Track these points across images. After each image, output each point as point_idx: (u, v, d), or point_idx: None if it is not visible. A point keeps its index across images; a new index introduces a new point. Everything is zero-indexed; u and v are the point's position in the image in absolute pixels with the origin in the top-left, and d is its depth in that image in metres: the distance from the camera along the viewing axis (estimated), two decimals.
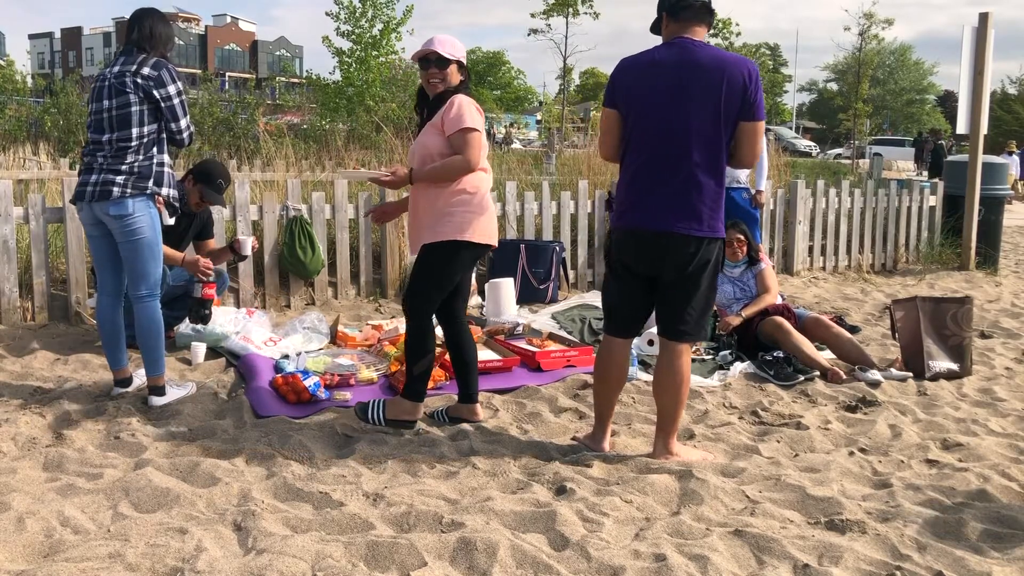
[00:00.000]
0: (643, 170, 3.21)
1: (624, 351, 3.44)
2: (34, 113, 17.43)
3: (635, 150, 3.23)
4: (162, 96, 3.76)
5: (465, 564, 2.48)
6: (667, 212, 3.17)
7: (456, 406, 3.82)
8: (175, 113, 3.81)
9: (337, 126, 18.57)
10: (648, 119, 3.17)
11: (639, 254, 3.26)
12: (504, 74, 62.00)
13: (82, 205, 3.81)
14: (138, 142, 3.74)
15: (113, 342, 3.96)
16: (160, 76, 3.75)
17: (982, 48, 8.49)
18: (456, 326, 3.71)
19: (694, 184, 3.15)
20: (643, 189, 3.21)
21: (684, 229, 3.16)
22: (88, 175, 3.77)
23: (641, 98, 3.18)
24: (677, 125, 3.13)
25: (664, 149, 3.16)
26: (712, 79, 3.09)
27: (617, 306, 3.41)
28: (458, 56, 3.57)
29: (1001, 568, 2.54)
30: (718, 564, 2.51)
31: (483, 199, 3.55)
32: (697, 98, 3.10)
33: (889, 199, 8.89)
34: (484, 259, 6.75)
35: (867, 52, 29.96)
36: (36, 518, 2.65)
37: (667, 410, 3.36)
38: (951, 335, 4.84)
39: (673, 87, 3.13)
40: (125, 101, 3.71)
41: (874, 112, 39.26)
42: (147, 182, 3.75)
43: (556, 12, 29.34)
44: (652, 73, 3.17)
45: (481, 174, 3.57)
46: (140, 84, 3.71)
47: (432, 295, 3.55)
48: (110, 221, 3.75)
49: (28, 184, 9.31)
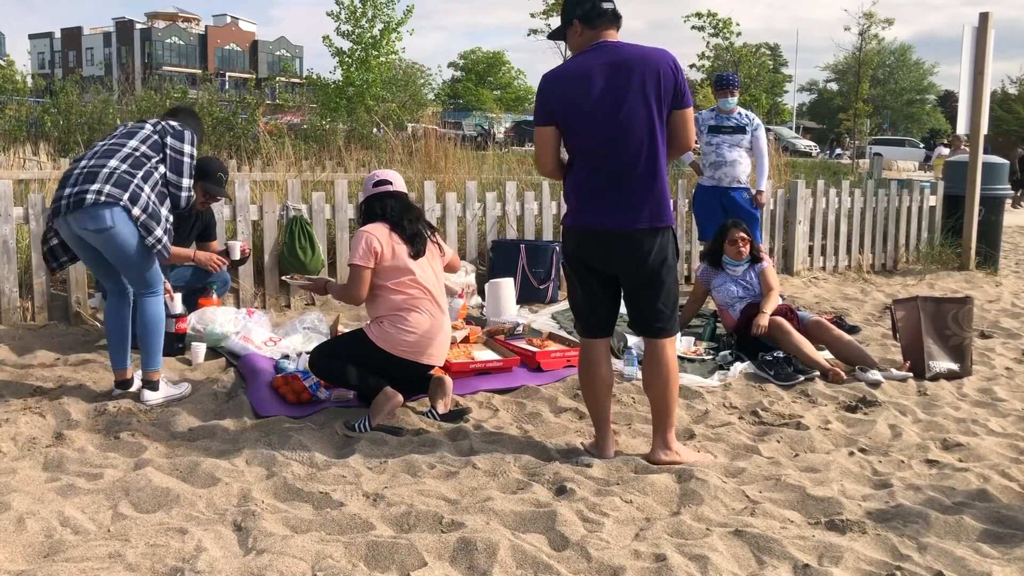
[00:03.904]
0: (592, 172, 3.23)
1: (603, 352, 3.44)
2: (34, 113, 17.40)
3: (582, 155, 3.25)
4: (173, 147, 3.88)
5: (465, 564, 2.48)
6: (622, 211, 3.20)
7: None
8: (180, 168, 3.89)
9: (337, 126, 18.55)
10: (591, 123, 3.19)
11: (597, 253, 3.28)
12: (504, 74, 61.98)
13: (60, 221, 3.76)
14: (130, 152, 3.78)
15: (118, 342, 3.98)
16: (182, 132, 3.94)
17: (982, 48, 8.49)
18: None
19: (645, 179, 3.20)
20: (594, 189, 3.23)
21: (641, 224, 3.21)
22: (61, 189, 3.74)
23: (580, 105, 3.19)
24: (621, 124, 3.16)
25: (612, 149, 3.19)
26: (645, 73, 3.15)
27: (584, 307, 3.42)
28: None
29: (1001, 568, 2.54)
30: (718, 564, 2.51)
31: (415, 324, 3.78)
32: (636, 94, 3.15)
33: (889, 199, 8.89)
34: (484, 259, 6.77)
35: (867, 52, 29.95)
36: (36, 518, 2.65)
37: (661, 406, 3.37)
38: (952, 335, 4.84)
39: (611, 88, 3.16)
40: (144, 134, 3.88)
41: (874, 112, 39.25)
42: (122, 193, 3.65)
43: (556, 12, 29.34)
44: (586, 79, 3.18)
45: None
46: (161, 126, 3.91)
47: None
48: (90, 236, 3.70)
49: (28, 184, 9.28)
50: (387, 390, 3.71)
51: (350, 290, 3.81)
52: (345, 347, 3.86)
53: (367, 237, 3.77)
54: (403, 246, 3.81)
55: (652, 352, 3.39)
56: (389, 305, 3.77)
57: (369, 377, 3.77)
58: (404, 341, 3.75)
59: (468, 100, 56.05)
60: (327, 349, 3.88)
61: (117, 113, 15.50)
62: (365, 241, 3.76)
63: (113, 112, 15.58)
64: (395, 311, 3.76)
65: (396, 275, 3.78)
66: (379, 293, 3.79)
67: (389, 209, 3.88)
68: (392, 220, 3.86)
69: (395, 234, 3.82)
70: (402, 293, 3.77)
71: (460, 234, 6.78)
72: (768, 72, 45.26)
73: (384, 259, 3.77)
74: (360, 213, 3.99)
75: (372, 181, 3.97)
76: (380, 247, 3.77)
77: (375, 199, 3.92)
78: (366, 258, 3.75)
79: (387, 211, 3.87)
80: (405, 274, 3.78)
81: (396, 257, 3.79)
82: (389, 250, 3.78)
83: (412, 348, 3.77)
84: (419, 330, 3.76)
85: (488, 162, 9.87)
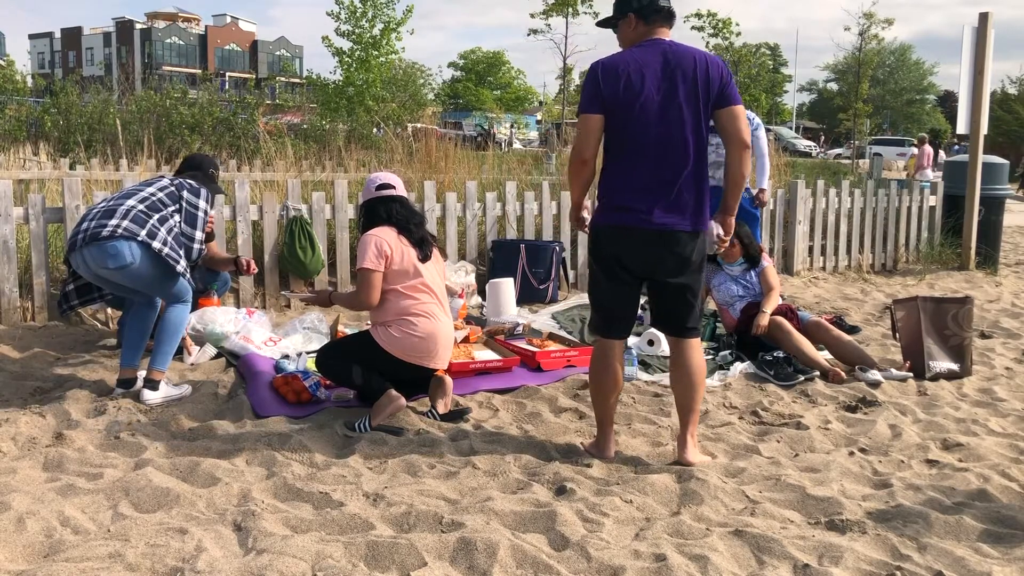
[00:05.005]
0: (639, 170, 3.20)
1: (619, 352, 3.41)
2: (34, 113, 17.40)
3: (629, 152, 3.21)
4: (189, 201, 4.02)
5: (465, 564, 2.48)
6: (668, 210, 3.18)
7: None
8: (193, 222, 4.03)
9: (337, 126, 18.55)
10: (643, 119, 3.16)
11: (638, 252, 3.24)
12: (504, 74, 61.99)
13: (76, 257, 3.85)
14: (148, 196, 3.93)
15: (135, 342, 4.05)
16: (199, 190, 4.09)
17: (982, 48, 8.49)
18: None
19: (692, 180, 3.19)
20: (641, 188, 3.20)
21: (686, 225, 3.20)
22: (78, 225, 3.90)
23: (633, 99, 3.16)
24: (672, 123, 3.15)
25: (662, 148, 3.17)
26: (697, 75, 3.15)
27: (613, 307, 3.37)
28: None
29: (1001, 568, 2.54)
30: (718, 564, 2.51)
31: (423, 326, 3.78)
32: (688, 95, 3.15)
33: (889, 199, 8.89)
34: (484, 259, 6.77)
35: (867, 52, 29.94)
36: (36, 518, 2.65)
37: (690, 406, 3.38)
38: (952, 335, 4.84)
39: (664, 86, 3.15)
40: (161, 184, 4.05)
41: (874, 112, 39.23)
42: (140, 229, 3.79)
43: (556, 12, 29.34)
44: (640, 73, 3.16)
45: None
46: (179, 182, 4.06)
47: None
48: (111, 275, 3.82)
49: (28, 184, 9.29)
50: (390, 392, 3.71)
51: (360, 295, 3.77)
52: (351, 349, 3.85)
53: (376, 240, 3.75)
54: (411, 249, 3.81)
55: (685, 352, 3.37)
56: (396, 309, 3.76)
57: (373, 378, 3.77)
58: (412, 346, 3.75)
59: (468, 100, 56.06)
60: (333, 350, 3.88)
61: (117, 113, 15.49)
62: (375, 244, 3.74)
63: (113, 112, 15.58)
64: (402, 315, 3.75)
65: (405, 279, 3.77)
66: (388, 297, 3.78)
67: (394, 213, 3.87)
68: (398, 224, 3.85)
69: (403, 237, 3.82)
70: (411, 297, 3.76)
71: (460, 234, 6.78)
72: (768, 72, 45.29)
73: (393, 262, 3.76)
74: (360, 215, 3.98)
75: (374, 184, 3.95)
76: (390, 250, 3.76)
77: (378, 203, 3.90)
78: (377, 262, 3.73)
79: (392, 214, 3.86)
80: (414, 277, 3.78)
81: (405, 260, 3.78)
82: (398, 253, 3.77)
83: (420, 352, 3.76)
84: (426, 334, 3.75)
85: (488, 162, 9.87)
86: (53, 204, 5.45)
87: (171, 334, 3.98)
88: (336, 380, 3.87)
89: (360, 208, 4.00)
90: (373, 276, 3.73)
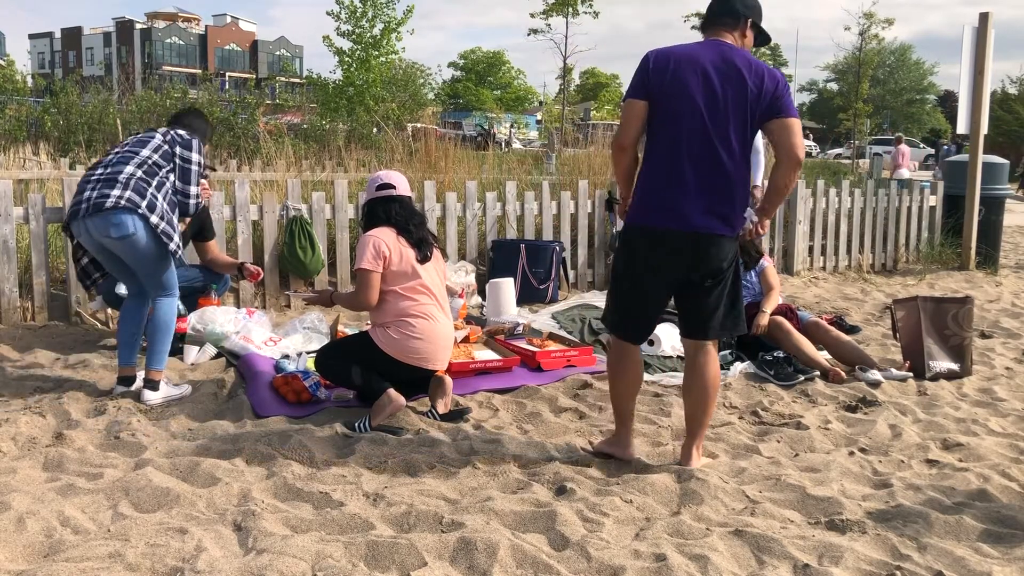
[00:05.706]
0: (678, 168, 3.11)
1: (637, 352, 3.38)
2: (34, 113, 17.40)
3: (670, 146, 3.12)
4: (181, 156, 3.99)
5: (465, 564, 2.48)
6: (706, 213, 3.10)
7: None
8: (187, 176, 4.01)
9: (337, 126, 18.56)
10: (691, 114, 3.09)
11: (671, 256, 3.15)
12: (504, 74, 62.02)
13: (78, 226, 3.87)
14: (144, 160, 3.89)
15: (130, 339, 4.05)
16: (190, 141, 4.05)
17: (982, 48, 8.49)
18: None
19: (731, 184, 3.11)
20: (679, 189, 3.11)
21: (721, 230, 3.12)
22: (80, 194, 3.88)
23: (679, 92, 3.09)
24: (720, 125, 3.08)
25: (702, 148, 3.09)
26: (750, 82, 3.08)
27: (636, 310, 3.29)
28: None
29: (1001, 568, 2.54)
30: (718, 564, 2.51)
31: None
32: (739, 98, 3.08)
33: (889, 199, 8.89)
34: (484, 259, 6.77)
35: (867, 52, 29.91)
36: (36, 518, 2.65)
37: (701, 419, 3.30)
38: (952, 335, 4.84)
39: (712, 85, 3.08)
40: (155, 143, 4.00)
41: (874, 112, 39.17)
42: (141, 201, 3.79)
43: (556, 12, 29.31)
44: (694, 68, 3.10)
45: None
46: (170, 136, 4.02)
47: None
48: (112, 243, 3.82)
49: (28, 184, 9.29)
50: (390, 393, 3.71)
51: (359, 296, 3.79)
52: (351, 349, 3.85)
53: (374, 241, 3.75)
54: (410, 250, 3.81)
55: (703, 356, 3.27)
56: (396, 311, 3.76)
57: (373, 379, 3.77)
58: (411, 347, 3.75)
59: (468, 100, 56.08)
60: (333, 350, 3.88)
61: (117, 113, 15.49)
62: (373, 245, 3.74)
63: (113, 112, 15.58)
64: (401, 316, 3.75)
65: (403, 280, 3.77)
66: (386, 298, 3.78)
67: (394, 214, 3.86)
68: (397, 225, 3.84)
69: (402, 238, 3.82)
70: (410, 298, 3.76)
71: (460, 234, 6.78)
72: None
73: (392, 263, 3.76)
74: (361, 215, 3.98)
75: (375, 184, 3.94)
76: (388, 251, 3.75)
77: (378, 203, 3.90)
78: (375, 262, 3.73)
79: (391, 215, 3.86)
80: (413, 278, 3.78)
81: (404, 261, 3.78)
82: (397, 254, 3.77)
83: (418, 354, 3.76)
84: (425, 336, 3.75)
85: (488, 162, 9.87)
86: (53, 204, 5.45)
87: (162, 331, 3.98)
88: (336, 380, 3.87)
89: (362, 207, 4.00)
90: (371, 277, 3.74)
